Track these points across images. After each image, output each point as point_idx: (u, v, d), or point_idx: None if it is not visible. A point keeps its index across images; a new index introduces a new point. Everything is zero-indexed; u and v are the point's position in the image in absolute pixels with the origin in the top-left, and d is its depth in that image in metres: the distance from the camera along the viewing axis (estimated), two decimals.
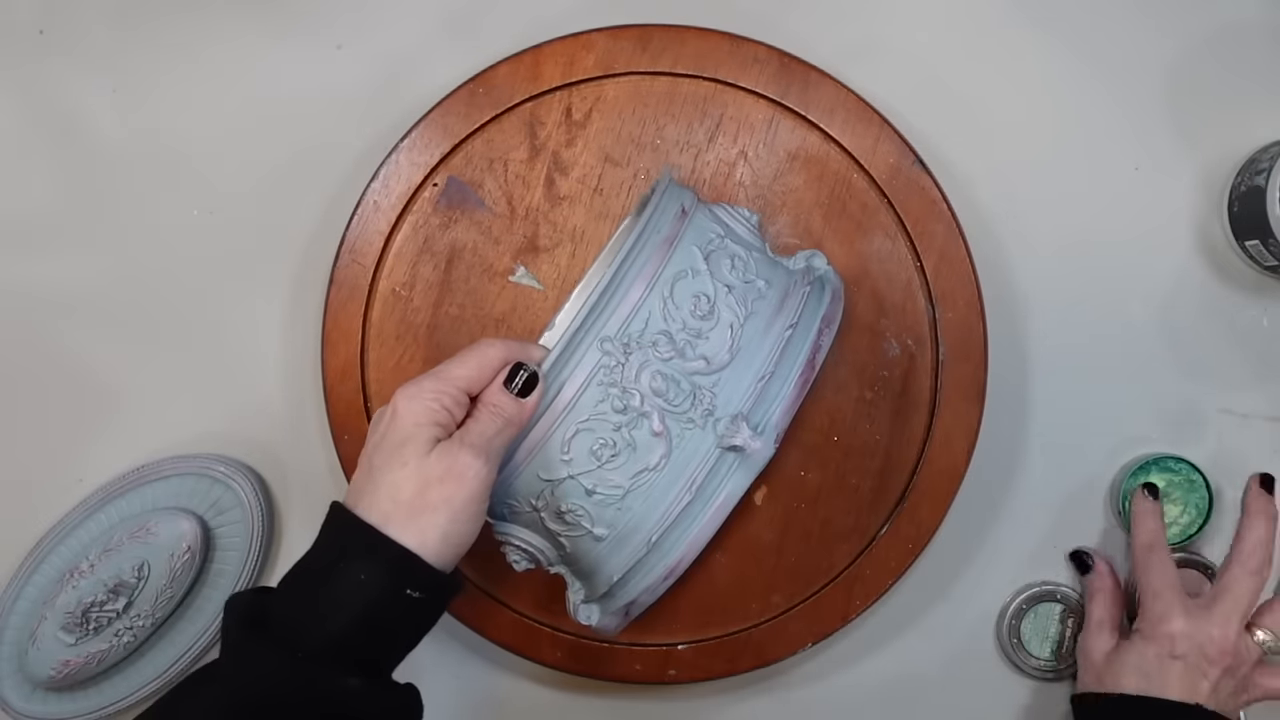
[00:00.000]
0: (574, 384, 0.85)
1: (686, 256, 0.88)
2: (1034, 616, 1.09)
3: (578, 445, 0.85)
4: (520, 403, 0.84)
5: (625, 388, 0.85)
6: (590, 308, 0.84)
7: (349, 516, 0.81)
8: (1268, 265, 1.06)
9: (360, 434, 1.06)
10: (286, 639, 0.79)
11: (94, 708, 1.08)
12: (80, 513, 1.09)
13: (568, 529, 0.89)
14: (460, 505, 0.81)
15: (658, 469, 0.86)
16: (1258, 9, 1.09)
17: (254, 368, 1.12)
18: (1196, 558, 1.08)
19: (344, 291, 1.06)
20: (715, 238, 0.90)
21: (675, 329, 0.86)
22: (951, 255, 1.05)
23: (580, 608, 0.95)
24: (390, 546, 0.80)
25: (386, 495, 0.81)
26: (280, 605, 0.81)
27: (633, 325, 0.85)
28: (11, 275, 1.12)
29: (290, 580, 0.83)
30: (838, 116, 1.05)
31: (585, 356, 0.85)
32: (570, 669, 1.08)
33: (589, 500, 0.87)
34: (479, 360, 0.85)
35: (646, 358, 0.85)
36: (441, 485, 0.81)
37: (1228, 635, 0.99)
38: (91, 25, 1.12)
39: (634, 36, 1.05)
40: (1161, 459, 1.08)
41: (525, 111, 1.06)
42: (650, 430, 0.85)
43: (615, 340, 0.85)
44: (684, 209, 0.90)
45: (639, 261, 0.86)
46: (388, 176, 1.06)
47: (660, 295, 0.86)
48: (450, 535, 0.81)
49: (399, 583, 0.80)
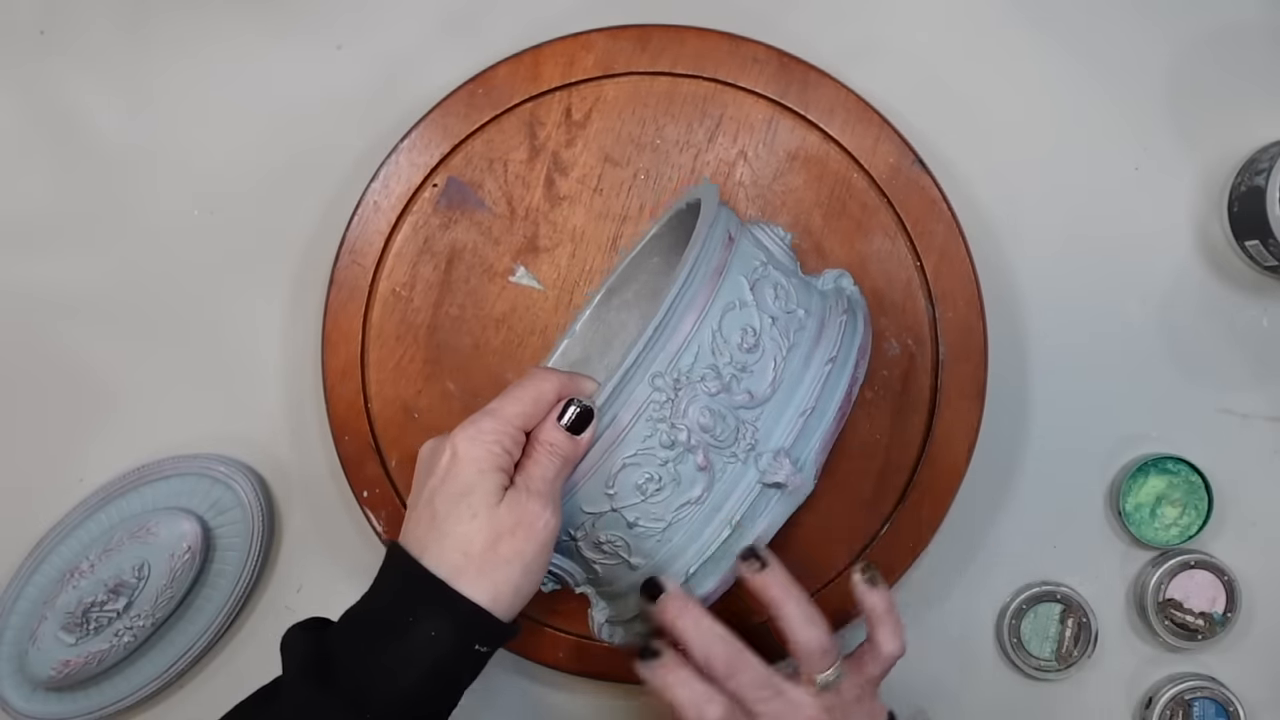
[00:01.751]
0: (624, 418, 0.83)
1: (734, 287, 0.86)
2: (1034, 616, 1.09)
3: (623, 479, 0.84)
4: (576, 440, 0.82)
5: (674, 423, 0.83)
6: (645, 343, 0.82)
7: (418, 569, 0.80)
8: (1268, 265, 1.06)
9: (361, 436, 1.06)
10: (354, 697, 0.78)
11: (94, 708, 1.08)
12: (80, 513, 1.09)
13: (604, 558, 0.88)
14: (532, 557, 0.81)
15: (700, 502, 0.86)
16: (1258, 9, 1.09)
17: (254, 368, 1.12)
18: (1209, 558, 1.08)
19: (344, 292, 1.06)
20: (759, 265, 0.89)
21: (723, 363, 0.84)
22: (951, 255, 1.05)
23: (604, 627, 0.94)
24: (463, 604, 0.79)
25: (455, 548, 0.80)
26: (346, 654, 0.80)
27: (683, 360, 0.84)
28: (12, 275, 1.12)
29: (355, 627, 0.82)
30: (837, 116, 1.05)
31: (636, 391, 0.83)
32: (570, 669, 1.08)
33: (629, 532, 0.86)
34: (534, 395, 0.83)
35: (695, 393, 0.84)
36: (514, 538, 0.80)
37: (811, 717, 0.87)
38: (91, 25, 1.13)
39: (633, 37, 1.05)
40: (1161, 459, 1.08)
41: (525, 112, 1.06)
42: (695, 465, 0.85)
43: (666, 375, 0.83)
44: (730, 235, 0.88)
45: (690, 293, 0.84)
46: (388, 177, 1.06)
47: (710, 328, 0.84)
48: (521, 588, 0.81)
49: (470, 639, 0.80)
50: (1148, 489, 1.08)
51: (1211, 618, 1.08)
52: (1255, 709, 1.09)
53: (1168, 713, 1.08)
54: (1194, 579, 1.08)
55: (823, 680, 0.87)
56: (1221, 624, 1.08)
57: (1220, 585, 1.08)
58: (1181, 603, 1.08)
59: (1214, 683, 1.08)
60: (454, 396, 1.06)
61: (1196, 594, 1.08)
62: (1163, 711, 1.08)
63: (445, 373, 1.06)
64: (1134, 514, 1.08)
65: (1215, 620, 1.08)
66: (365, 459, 1.06)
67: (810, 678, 0.87)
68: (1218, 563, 1.08)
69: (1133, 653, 1.11)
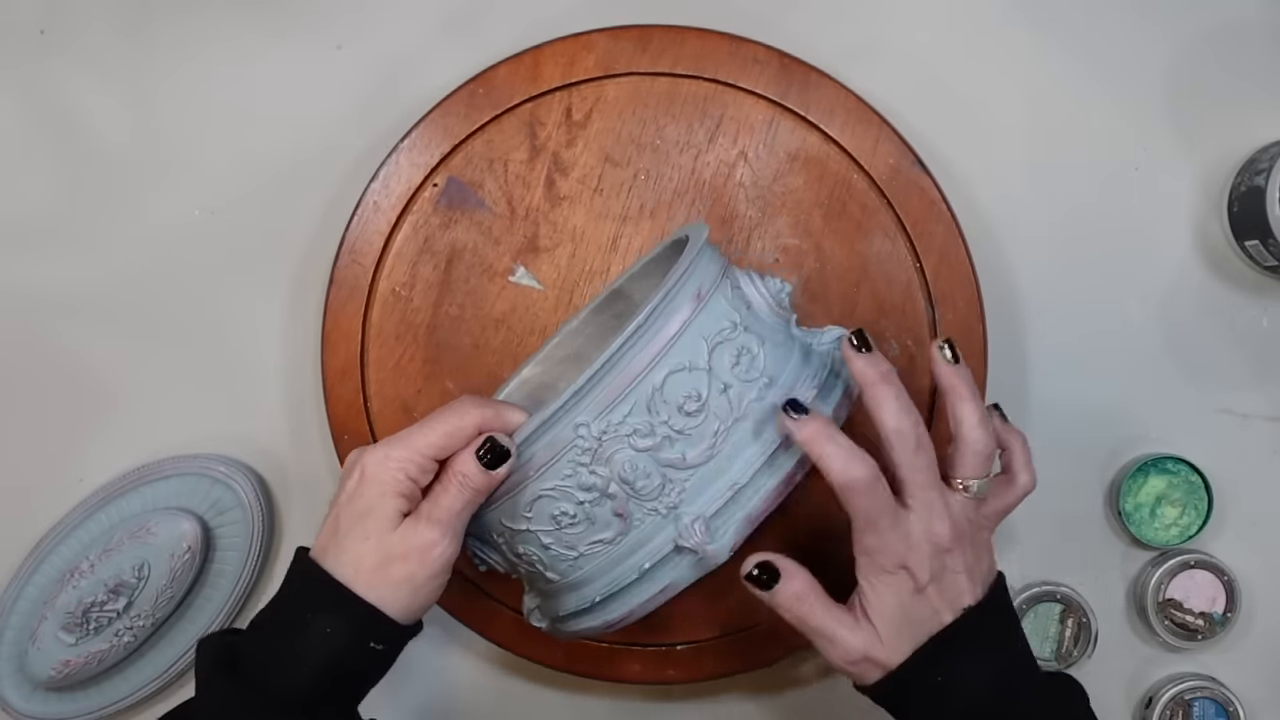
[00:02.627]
0: (544, 456, 0.83)
1: (688, 350, 0.83)
2: (1034, 616, 1.09)
3: (540, 507, 0.85)
4: (489, 475, 0.83)
5: (594, 470, 0.83)
6: (572, 394, 0.81)
7: (317, 570, 0.84)
8: (1268, 265, 1.06)
9: (361, 435, 1.06)
10: (259, 685, 0.82)
11: (94, 708, 1.09)
12: (80, 513, 1.09)
13: (524, 563, 0.89)
14: (422, 581, 0.84)
15: (613, 543, 0.85)
16: (1258, 9, 1.09)
17: (254, 368, 1.12)
18: (1209, 558, 1.08)
19: (344, 291, 1.06)
20: (728, 327, 0.85)
21: (658, 421, 0.83)
22: (951, 256, 1.05)
23: (533, 612, 0.96)
24: (356, 603, 0.83)
25: (349, 562, 0.84)
26: (251, 649, 0.84)
27: (613, 414, 0.82)
28: (12, 275, 1.12)
29: (259, 627, 0.86)
30: (837, 117, 1.05)
31: (560, 435, 0.83)
32: (569, 669, 1.08)
33: (544, 552, 0.87)
34: (452, 429, 0.84)
35: (621, 446, 0.83)
36: (405, 562, 0.83)
37: (944, 521, 0.85)
38: (91, 25, 1.12)
39: (634, 37, 1.05)
40: (1161, 460, 1.08)
41: (525, 112, 1.06)
42: (611, 510, 0.84)
43: (592, 425, 0.82)
44: (699, 294, 0.84)
45: (633, 351, 0.82)
46: (388, 177, 1.06)
47: (650, 386, 0.82)
48: (411, 605, 0.85)
49: (364, 636, 0.84)
50: (1148, 489, 1.08)
51: (1211, 618, 1.08)
52: (1255, 709, 1.09)
53: (1168, 713, 1.08)
54: (1194, 579, 1.08)
55: (977, 486, 0.87)
56: (1221, 624, 1.08)
57: (1220, 585, 1.08)
58: (1181, 603, 1.08)
59: (1214, 683, 1.08)
60: (454, 396, 1.05)
61: (1196, 594, 1.08)
62: (1163, 711, 1.08)
63: (445, 372, 1.06)
64: (1134, 514, 1.08)
65: (1215, 620, 1.08)
66: None
67: (965, 483, 0.87)
68: (1218, 563, 1.08)
69: (1133, 653, 1.11)
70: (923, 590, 0.84)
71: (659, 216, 1.06)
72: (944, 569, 0.85)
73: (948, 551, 0.85)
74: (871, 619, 0.85)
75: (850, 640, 0.85)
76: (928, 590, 0.85)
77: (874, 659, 0.85)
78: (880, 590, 0.85)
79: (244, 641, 0.85)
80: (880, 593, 0.85)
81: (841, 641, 0.85)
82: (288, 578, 0.87)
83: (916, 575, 0.84)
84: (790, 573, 0.86)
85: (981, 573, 0.87)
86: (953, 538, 0.85)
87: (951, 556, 0.85)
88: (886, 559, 0.84)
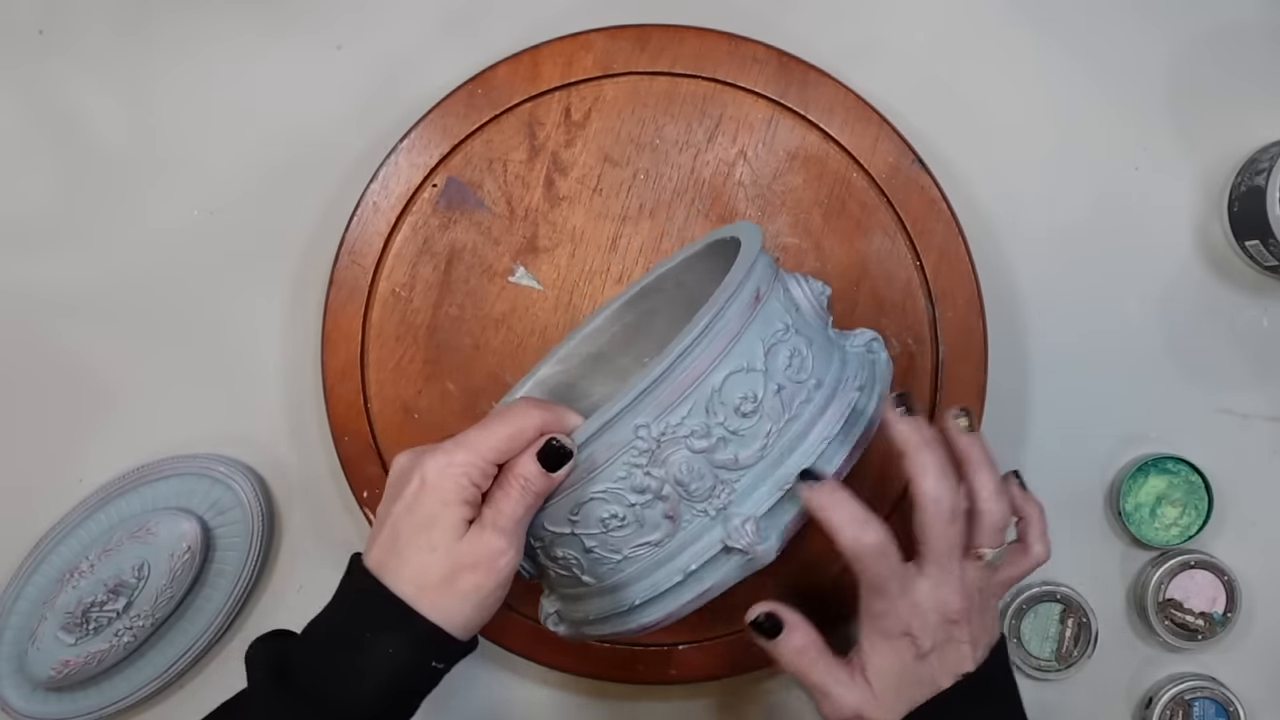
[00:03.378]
0: (600, 456, 0.82)
1: (747, 351, 0.83)
2: (1034, 616, 1.09)
3: (589, 510, 0.84)
4: (550, 478, 0.82)
5: (649, 471, 0.82)
6: (636, 394, 0.81)
7: (377, 586, 0.81)
8: (1268, 265, 1.06)
9: (361, 436, 1.06)
10: (314, 700, 0.80)
11: (94, 708, 1.09)
12: (80, 513, 1.09)
13: (558, 568, 0.88)
14: (489, 591, 0.81)
15: (659, 545, 0.85)
16: (1257, 9, 1.09)
17: (254, 367, 1.12)
18: (1209, 558, 1.08)
19: (344, 292, 1.06)
20: (782, 329, 0.85)
21: (714, 423, 0.82)
22: (951, 254, 1.05)
23: (551, 617, 0.95)
24: (420, 623, 0.80)
25: (413, 577, 0.81)
26: (306, 660, 0.82)
27: (672, 415, 0.82)
28: (11, 275, 1.12)
29: (316, 638, 0.83)
30: (837, 116, 1.05)
31: (618, 436, 0.82)
32: (574, 670, 1.08)
33: (585, 555, 0.86)
34: (514, 432, 0.83)
35: (678, 447, 0.82)
36: (473, 573, 0.81)
37: (957, 592, 0.85)
38: (91, 25, 1.13)
39: (633, 36, 1.05)
40: (1161, 460, 1.08)
41: (524, 112, 1.06)
42: (662, 512, 0.84)
43: (651, 427, 0.81)
44: (759, 294, 0.85)
45: (696, 354, 0.81)
46: (387, 177, 1.06)
47: (710, 387, 0.82)
48: (474, 619, 0.82)
49: (425, 656, 0.81)
50: (1148, 489, 1.08)
51: (1211, 618, 1.08)
52: (1255, 709, 1.09)
53: (1168, 713, 1.08)
54: (1194, 579, 1.08)
55: (992, 556, 0.87)
56: (1221, 624, 1.08)
57: (1220, 585, 1.08)
58: (1181, 603, 1.08)
59: (1214, 683, 1.08)
60: (454, 397, 1.06)
61: (1196, 594, 1.08)
62: (1163, 711, 1.07)
63: (445, 373, 1.06)
64: (1134, 514, 1.08)
65: (1215, 620, 1.08)
66: (365, 459, 1.06)
67: (980, 552, 0.87)
68: (1218, 563, 1.08)
69: (1133, 653, 1.11)
70: (924, 657, 0.85)
71: (658, 216, 1.06)
72: (949, 639, 0.85)
73: (954, 623, 0.85)
74: (869, 678, 0.86)
75: (845, 698, 0.86)
76: (929, 658, 0.85)
77: (866, 718, 0.85)
78: (882, 652, 0.86)
79: (298, 653, 0.82)
80: (882, 654, 0.86)
81: (836, 699, 0.86)
82: (343, 588, 0.84)
83: (920, 642, 0.84)
84: (793, 625, 0.87)
85: (986, 641, 0.87)
86: (962, 609, 0.85)
87: (958, 628, 0.85)
88: (891, 624, 0.85)
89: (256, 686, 0.82)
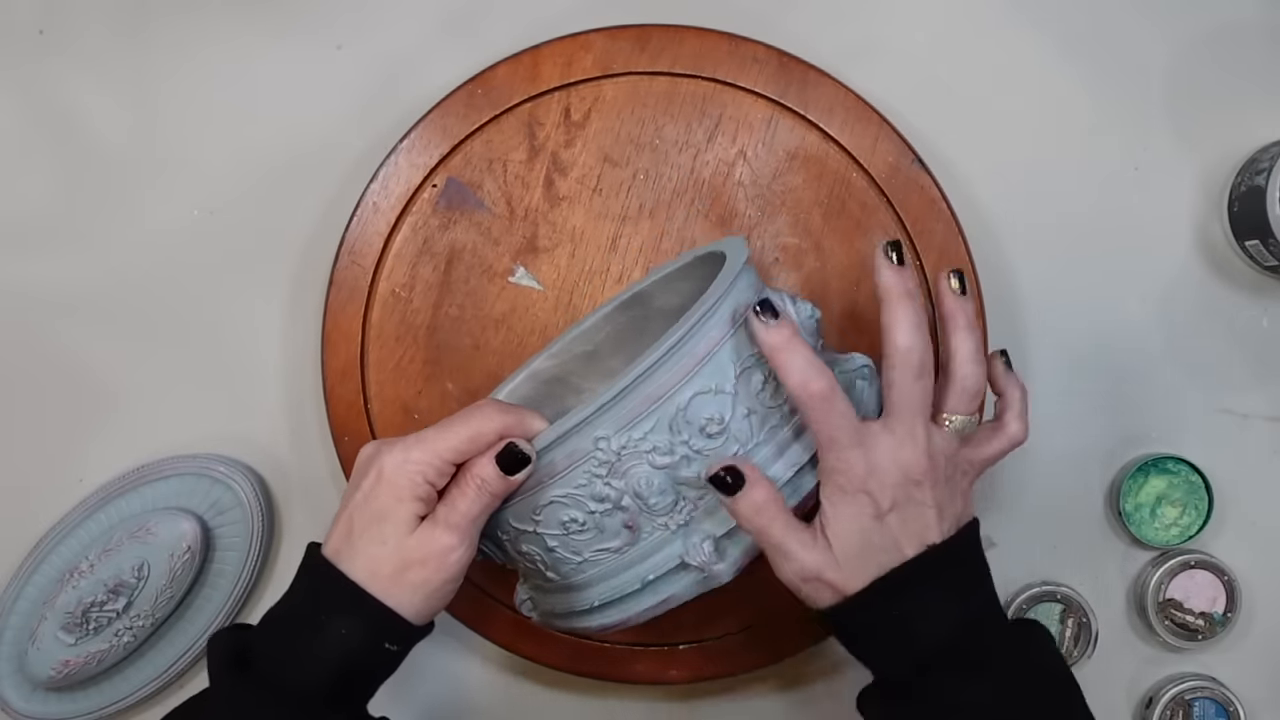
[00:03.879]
0: (561, 464, 0.83)
1: (716, 373, 0.82)
2: (1034, 616, 1.09)
3: (550, 513, 0.85)
4: (507, 480, 0.83)
5: (609, 482, 0.83)
6: (596, 409, 0.81)
7: (332, 571, 0.84)
8: (1268, 265, 1.06)
9: (361, 436, 1.06)
10: (272, 684, 0.83)
11: (94, 708, 1.09)
12: (80, 513, 1.09)
13: (525, 560, 0.89)
14: (438, 585, 0.84)
15: (619, 553, 0.85)
16: (1257, 9, 1.09)
17: (254, 367, 1.12)
18: (1209, 558, 1.08)
19: (344, 293, 1.06)
20: (758, 352, 0.83)
21: (678, 441, 0.82)
22: (951, 254, 1.05)
23: (525, 603, 0.96)
24: (372, 605, 0.83)
25: (365, 567, 0.84)
26: (264, 647, 0.85)
27: (633, 431, 0.81)
28: (11, 275, 1.12)
29: (273, 623, 0.86)
30: (836, 116, 1.05)
31: (579, 446, 0.82)
32: (571, 670, 1.08)
33: (548, 554, 0.87)
34: (473, 434, 0.84)
35: (639, 461, 0.82)
36: (421, 567, 0.83)
37: (919, 451, 0.83)
38: (91, 25, 1.12)
39: (632, 37, 1.05)
40: (1161, 460, 1.08)
41: (524, 112, 1.06)
42: (621, 522, 0.84)
43: (611, 440, 0.82)
44: (734, 316, 0.83)
45: (661, 372, 0.81)
46: (387, 178, 1.06)
47: (675, 406, 0.81)
48: (424, 609, 0.85)
49: (379, 637, 0.84)
50: (1148, 489, 1.08)
51: (1212, 618, 1.08)
52: (1255, 709, 1.09)
53: (1168, 713, 1.08)
54: (1194, 579, 1.08)
55: (960, 423, 0.86)
56: (1222, 624, 1.08)
57: (1220, 585, 1.08)
58: (1182, 603, 1.08)
59: (1214, 683, 1.08)
60: (454, 397, 1.06)
61: (1197, 594, 1.08)
62: (1163, 711, 1.08)
63: (445, 373, 1.06)
64: (1134, 514, 1.08)
65: (1215, 620, 1.08)
66: None
67: (949, 418, 0.85)
68: (1218, 563, 1.08)
69: (1133, 653, 1.11)
70: (883, 517, 0.82)
71: (658, 216, 1.06)
72: (909, 499, 0.82)
73: (916, 483, 0.82)
74: (829, 539, 0.83)
75: (804, 557, 0.83)
76: (889, 518, 0.82)
77: (827, 580, 0.83)
78: (840, 511, 0.83)
79: (257, 639, 0.85)
80: (840, 514, 0.83)
81: (795, 557, 0.83)
82: (300, 574, 0.87)
83: (878, 500, 0.82)
84: (754, 481, 0.82)
85: (953, 513, 0.85)
86: (923, 469, 0.83)
87: (920, 489, 0.83)
88: (846, 480, 0.82)
89: (216, 674, 0.84)
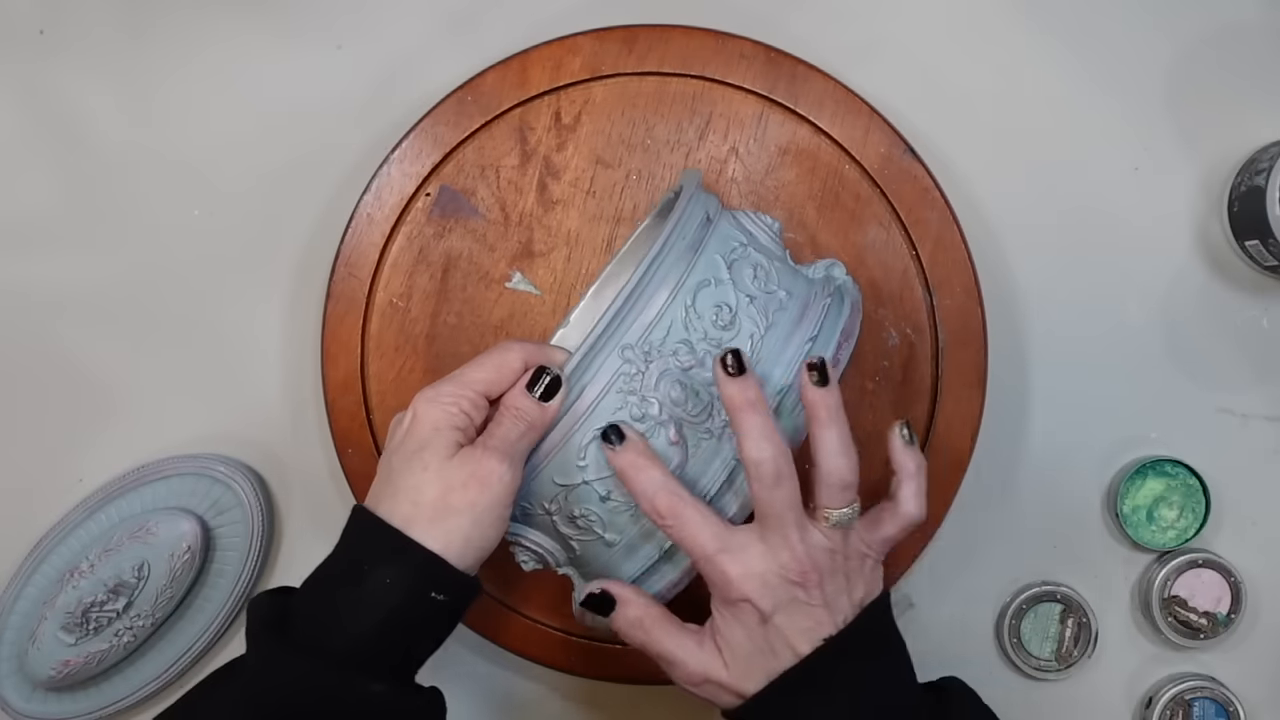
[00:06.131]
0: (594, 390, 0.84)
1: (710, 265, 0.87)
2: (1034, 616, 1.09)
3: (594, 451, 0.84)
4: (543, 406, 0.83)
5: (644, 396, 0.84)
6: (614, 314, 0.83)
7: (372, 519, 0.82)
8: (1268, 265, 1.05)
9: (364, 447, 1.06)
10: (310, 642, 0.79)
11: (94, 708, 1.09)
12: (80, 513, 1.10)
13: (579, 533, 0.88)
14: (484, 509, 0.81)
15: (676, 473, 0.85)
16: (1258, 9, 1.08)
17: (254, 367, 1.13)
18: (1217, 559, 1.08)
19: (341, 305, 1.06)
20: (739, 246, 0.89)
21: (696, 338, 0.85)
22: (946, 242, 1.05)
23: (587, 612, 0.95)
24: (416, 549, 0.80)
25: (407, 499, 0.81)
26: (304, 607, 0.82)
27: (654, 333, 0.84)
28: (11, 275, 1.13)
29: (314, 583, 0.83)
30: (826, 109, 1.05)
31: (606, 362, 0.83)
32: (582, 672, 1.08)
33: (602, 506, 0.86)
34: (498, 364, 0.85)
35: (666, 366, 0.84)
36: (465, 490, 0.81)
37: (795, 555, 0.82)
38: (91, 25, 1.13)
39: (620, 38, 1.05)
40: (1158, 462, 1.07)
41: (514, 117, 1.06)
42: (667, 439, 0.84)
43: (637, 348, 0.83)
44: (709, 216, 0.89)
45: (663, 268, 0.85)
46: (380, 188, 1.06)
47: (683, 304, 0.85)
48: (473, 539, 0.82)
49: (424, 585, 0.81)
50: (1145, 491, 1.08)
51: (1215, 617, 1.08)
52: (1255, 709, 1.09)
53: (1168, 713, 1.07)
54: (1200, 578, 1.08)
55: (836, 517, 0.84)
56: (1225, 624, 1.07)
57: (1226, 586, 1.08)
58: (1186, 600, 1.08)
59: (1214, 683, 1.08)
60: None
61: (1202, 593, 1.08)
62: (1163, 711, 1.07)
63: None
64: (1131, 516, 1.08)
65: (1219, 620, 1.08)
66: (370, 472, 1.05)
67: (824, 513, 0.84)
68: (1226, 564, 1.07)
69: (1133, 652, 1.11)
70: (767, 621, 0.82)
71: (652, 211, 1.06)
72: (793, 600, 0.82)
73: (798, 584, 0.82)
74: (719, 644, 0.84)
75: (689, 663, 0.84)
76: (774, 620, 0.82)
77: (718, 682, 0.84)
78: (726, 620, 0.83)
79: (297, 600, 0.83)
80: (726, 620, 0.83)
81: (681, 665, 0.84)
82: (345, 533, 0.84)
83: (759, 605, 0.82)
84: (625, 600, 0.85)
85: (854, 600, 0.84)
86: (802, 571, 0.82)
87: (804, 589, 0.82)
88: (724, 589, 0.83)
89: (254, 636, 0.82)
